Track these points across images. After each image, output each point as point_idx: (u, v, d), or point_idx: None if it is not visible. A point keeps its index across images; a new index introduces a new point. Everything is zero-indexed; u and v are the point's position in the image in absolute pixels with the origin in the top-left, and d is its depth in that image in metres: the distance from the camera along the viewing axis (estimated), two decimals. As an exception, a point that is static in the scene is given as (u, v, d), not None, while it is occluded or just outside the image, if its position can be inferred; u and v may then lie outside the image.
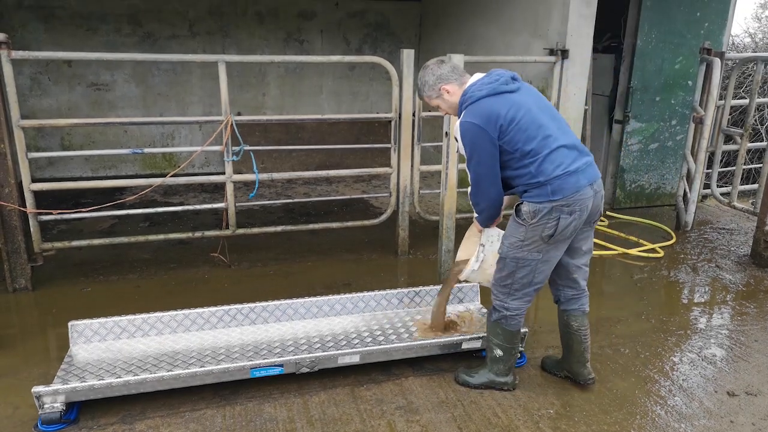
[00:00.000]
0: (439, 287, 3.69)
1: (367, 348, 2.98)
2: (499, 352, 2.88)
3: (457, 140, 2.67)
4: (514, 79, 2.69)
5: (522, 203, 2.65)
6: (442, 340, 3.11)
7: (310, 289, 4.11)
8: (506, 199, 2.84)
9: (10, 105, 3.71)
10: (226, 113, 4.12)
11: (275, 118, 4.84)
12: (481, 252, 2.87)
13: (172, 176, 4.22)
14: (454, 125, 2.70)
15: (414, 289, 3.63)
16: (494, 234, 2.93)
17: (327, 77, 7.73)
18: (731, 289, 4.38)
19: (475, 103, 2.59)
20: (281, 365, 2.86)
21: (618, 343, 3.52)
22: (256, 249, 4.76)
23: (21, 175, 3.88)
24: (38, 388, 2.56)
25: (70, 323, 3.11)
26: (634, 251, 5.01)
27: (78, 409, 2.72)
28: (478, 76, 2.69)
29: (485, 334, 3.16)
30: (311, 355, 2.91)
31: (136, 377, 2.69)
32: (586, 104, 5.07)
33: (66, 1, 6.64)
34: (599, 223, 5.72)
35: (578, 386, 3.06)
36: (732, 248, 5.22)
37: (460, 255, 3.07)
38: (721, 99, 5.29)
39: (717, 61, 4.95)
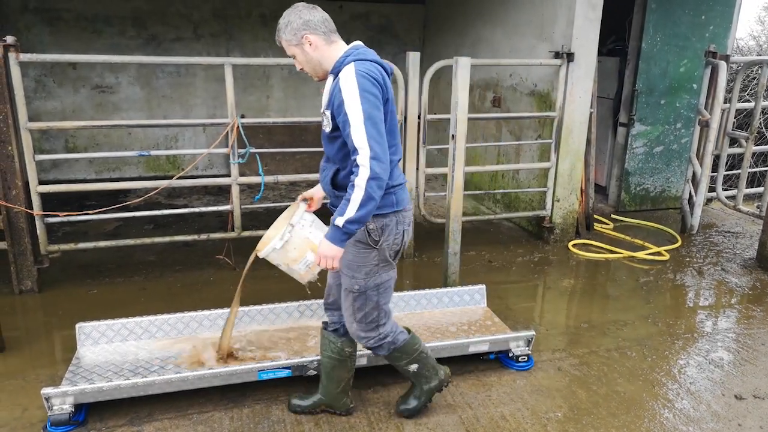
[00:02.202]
0: (438, 289, 3.69)
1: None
2: (414, 367, 2.65)
3: (332, 103, 2.24)
4: (390, 74, 2.40)
5: (367, 222, 2.29)
6: (450, 342, 3.10)
7: (316, 291, 4.10)
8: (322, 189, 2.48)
9: (18, 108, 3.72)
10: (232, 116, 4.12)
11: (279, 121, 4.82)
12: (287, 232, 2.47)
13: (178, 178, 4.22)
14: (328, 85, 2.30)
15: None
16: (308, 218, 2.59)
17: (331, 80, 7.74)
18: (737, 293, 4.37)
19: (369, 61, 2.24)
20: (289, 368, 2.86)
21: (625, 347, 3.51)
22: (261, 251, 4.76)
23: (28, 178, 3.88)
24: (47, 390, 2.56)
25: (77, 325, 3.11)
26: (639, 254, 5.00)
27: (86, 411, 2.72)
28: (359, 43, 2.36)
29: (492, 337, 3.16)
30: (319, 357, 2.90)
31: (144, 379, 2.69)
32: (591, 107, 5.07)
33: (71, 4, 6.66)
34: (603, 226, 5.73)
35: (586, 389, 3.05)
36: (738, 251, 5.21)
37: (269, 233, 2.72)
38: (726, 102, 5.28)
39: (723, 64, 4.94)
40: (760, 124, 6.87)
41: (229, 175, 4.32)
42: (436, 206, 6.18)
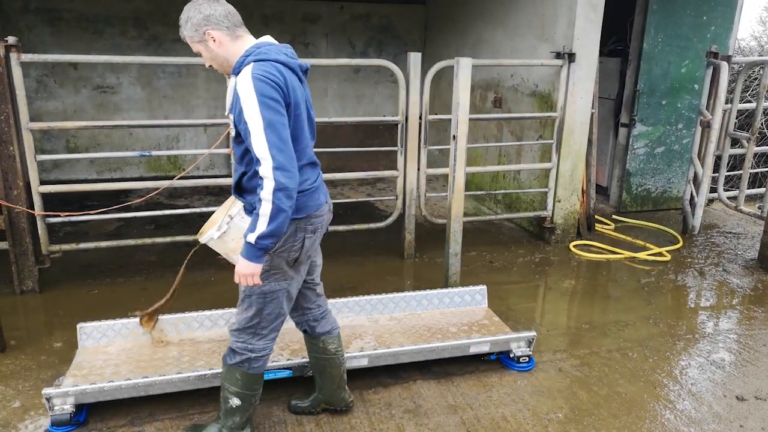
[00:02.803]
0: (439, 290, 3.69)
1: (376, 351, 2.97)
2: (236, 402, 2.41)
3: (234, 108, 2.10)
4: (306, 71, 2.30)
5: None
6: (451, 343, 3.10)
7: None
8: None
9: (19, 108, 3.72)
10: (234, 116, 4.12)
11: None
12: (225, 223, 2.40)
13: (179, 178, 4.22)
14: (230, 86, 2.17)
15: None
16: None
17: (332, 80, 7.75)
18: (739, 293, 4.36)
19: (269, 61, 2.10)
20: (290, 368, 2.86)
21: (626, 347, 3.51)
22: (262, 252, 4.76)
23: (29, 178, 3.89)
24: (48, 390, 2.56)
25: (78, 325, 3.11)
26: (641, 255, 5.00)
27: (87, 411, 2.72)
28: (268, 38, 2.26)
29: (493, 337, 3.16)
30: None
31: (145, 379, 2.69)
32: (592, 108, 5.07)
33: (72, 4, 6.66)
34: (605, 226, 5.72)
35: (587, 390, 3.05)
36: (739, 252, 5.21)
37: (213, 217, 2.58)
38: (727, 103, 5.27)
39: (724, 65, 4.94)
40: (762, 124, 6.86)
41: (230, 176, 4.32)
42: (437, 207, 6.17)
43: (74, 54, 6.39)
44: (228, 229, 2.39)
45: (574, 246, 5.16)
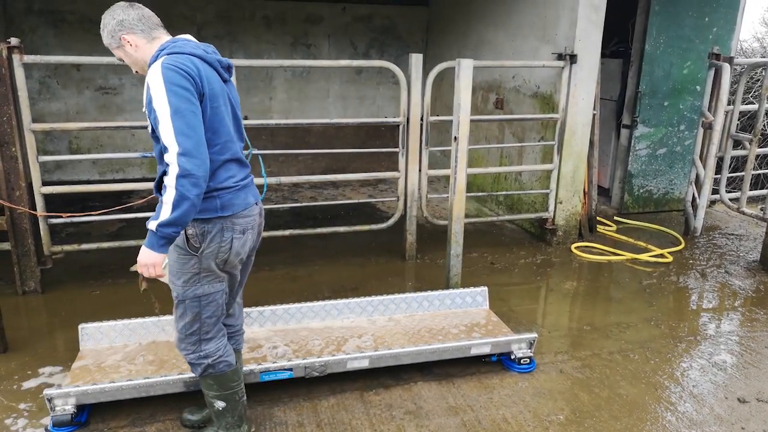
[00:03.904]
0: (440, 291, 3.69)
1: (377, 352, 2.97)
2: (220, 404, 2.41)
3: (147, 101, 2.05)
4: (229, 68, 2.27)
5: (186, 226, 2.11)
6: (452, 345, 3.10)
7: (317, 293, 4.11)
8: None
9: (22, 109, 3.73)
10: (235, 117, 4.12)
11: (282, 122, 4.83)
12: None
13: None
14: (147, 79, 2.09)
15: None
16: None
17: (334, 81, 7.76)
18: (741, 295, 4.35)
19: (181, 54, 2.08)
20: (290, 369, 2.86)
21: (627, 349, 3.50)
22: (264, 252, 4.72)
23: (31, 179, 3.90)
24: (50, 391, 2.56)
25: (80, 326, 3.12)
26: (642, 257, 4.99)
27: (88, 412, 2.72)
28: (186, 36, 2.24)
29: (494, 339, 3.16)
30: (320, 359, 2.91)
31: (146, 380, 2.69)
32: (594, 109, 5.07)
33: (75, 6, 6.68)
34: (606, 228, 5.71)
35: (588, 392, 3.05)
36: (741, 254, 5.20)
37: None
38: (729, 104, 5.27)
39: (726, 66, 4.93)
40: (764, 126, 6.85)
41: (231, 177, 4.32)
42: (439, 208, 6.17)
43: (77, 55, 6.41)
44: None
45: (576, 247, 5.15)
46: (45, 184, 4.00)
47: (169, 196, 1.97)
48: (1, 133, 3.68)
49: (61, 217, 3.98)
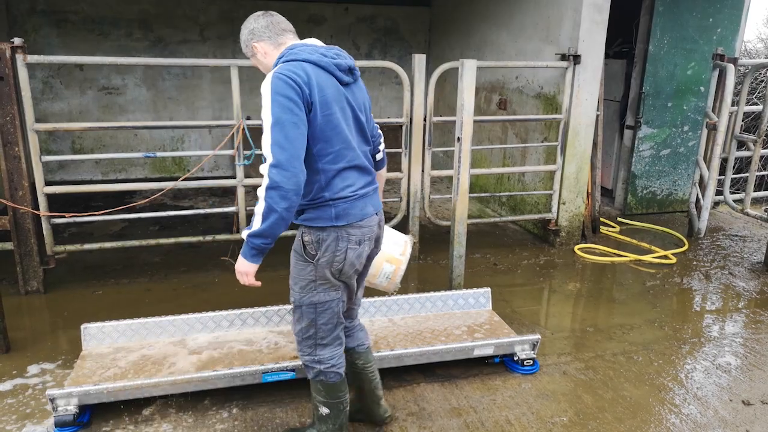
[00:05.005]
0: (443, 292, 3.68)
1: (379, 353, 2.97)
2: (324, 410, 2.42)
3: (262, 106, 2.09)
4: (351, 70, 2.23)
5: (302, 232, 2.19)
6: (455, 346, 3.09)
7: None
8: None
9: (25, 109, 3.73)
10: (238, 117, 4.13)
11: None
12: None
13: (183, 180, 4.23)
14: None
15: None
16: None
17: (336, 82, 7.75)
18: (745, 297, 4.33)
19: (294, 61, 2.09)
20: (293, 370, 2.85)
21: (631, 351, 3.49)
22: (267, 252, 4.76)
23: (34, 178, 3.90)
24: (52, 391, 2.56)
25: (82, 326, 3.12)
26: (646, 258, 4.97)
27: (91, 412, 2.72)
28: (310, 41, 2.25)
29: (497, 340, 3.15)
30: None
31: (148, 380, 2.69)
32: (597, 110, 5.05)
33: (78, 6, 6.69)
34: (610, 229, 5.70)
35: (591, 394, 3.03)
36: (745, 255, 5.18)
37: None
38: (734, 105, 5.25)
39: (731, 67, 4.91)
40: (768, 127, 6.81)
41: (234, 177, 4.33)
42: (442, 209, 6.16)
43: (80, 55, 6.42)
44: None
45: (579, 248, 5.14)
46: (48, 183, 4.00)
47: (259, 207, 2.01)
48: (4, 133, 3.69)
49: (64, 216, 3.98)
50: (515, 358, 3.19)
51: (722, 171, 5.61)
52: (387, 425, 2.73)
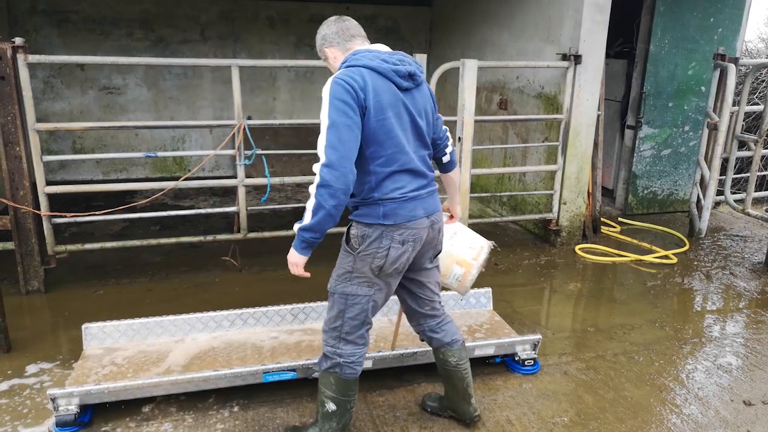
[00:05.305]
0: (443, 292, 3.68)
1: (381, 353, 2.97)
2: (331, 407, 2.42)
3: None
4: (411, 76, 2.27)
5: (351, 225, 2.30)
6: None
7: (320, 294, 4.09)
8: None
9: (26, 108, 3.73)
10: (239, 117, 4.13)
11: (286, 122, 4.84)
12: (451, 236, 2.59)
13: (184, 179, 4.23)
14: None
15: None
16: (449, 231, 2.63)
17: (337, 82, 7.75)
18: (746, 297, 4.33)
19: (354, 67, 2.20)
20: (294, 370, 2.86)
21: (632, 351, 3.48)
22: (267, 253, 4.75)
23: (35, 178, 3.90)
24: (53, 391, 2.56)
25: (83, 326, 3.12)
26: (647, 258, 4.97)
27: (92, 412, 2.72)
28: (379, 46, 2.32)
29: (498, 340, 3.15)
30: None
31: (149, 380, 2.69)
32: (598, 110, 5.05)
33: (79, 6, 6.70)
34: (610, 229, 5.70)
35: (592, 394, 3.03)
36: (746, 255, 5.17)
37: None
38: (735, 105, 5.25)
39: (732, 67, 4.91)
40: (769, 127, 6.81)
41: (235, 177, 4.33)
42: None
43: (81, 55, 6.43)
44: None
45: (580, 248, 5.14)
46: (49, 183, 4.00)
47: (309, 203, 2.14)
48: (5, 133, 3.69)
49: (65, 216, 3.99)
50: (516, 358, 3.19)
51: (723, 171, 5.61)
52: (389, 425, 2.73)
